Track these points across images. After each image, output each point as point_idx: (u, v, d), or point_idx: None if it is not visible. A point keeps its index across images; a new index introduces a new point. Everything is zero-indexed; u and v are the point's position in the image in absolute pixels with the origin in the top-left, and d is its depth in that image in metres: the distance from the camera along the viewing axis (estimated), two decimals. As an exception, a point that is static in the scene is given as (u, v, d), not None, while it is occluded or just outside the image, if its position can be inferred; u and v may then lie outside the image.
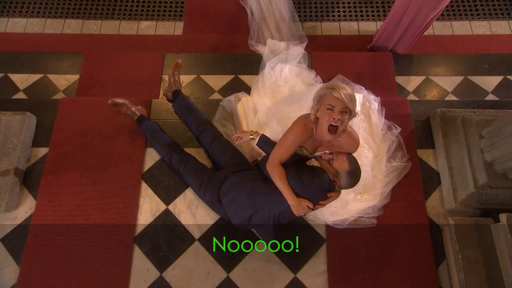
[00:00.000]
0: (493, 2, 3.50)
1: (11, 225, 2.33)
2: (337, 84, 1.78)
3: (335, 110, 1.72)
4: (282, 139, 1.90)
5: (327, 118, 1.75)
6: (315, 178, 1.84)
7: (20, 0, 3.53)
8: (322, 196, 1.89)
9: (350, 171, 1.81)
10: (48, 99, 2.83)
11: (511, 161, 2.05)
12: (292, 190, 1.86)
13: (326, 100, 1.74)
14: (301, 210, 1.87)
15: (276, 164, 1.90)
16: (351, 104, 1.73)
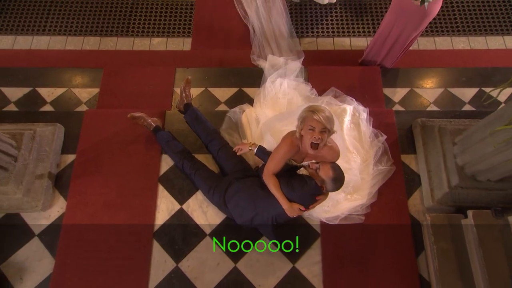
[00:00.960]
0: (472, 20, 3.84)
1: (46, 223, 2.67)
2: (318, 107, 2.11)
3: (316, 130, 2.06)
4: (273, 154, 2.24)
5: (309, 137, 2.09)
6: (304, 185, 2.18)
7: (43, 19, 3.86)
8: (312, 199, 2.22)
9: (334, 177, 2.14)
10: (74, 111, 3.17)
11: (478, 165, 2.39)
12: (285, 196, 2.20)
13: (308, 121, 2.08)
14: (293, 212, 2.20)
15: (270, 175, 2.24)
16: (329, 125, 2.06)
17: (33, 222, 2.67)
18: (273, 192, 2.21)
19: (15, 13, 3.89)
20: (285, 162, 2.27)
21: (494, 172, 2.34)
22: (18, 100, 3.25)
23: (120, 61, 3.67)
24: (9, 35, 3.77)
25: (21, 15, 3.87)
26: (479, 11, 3.90)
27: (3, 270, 2.54)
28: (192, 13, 4.00)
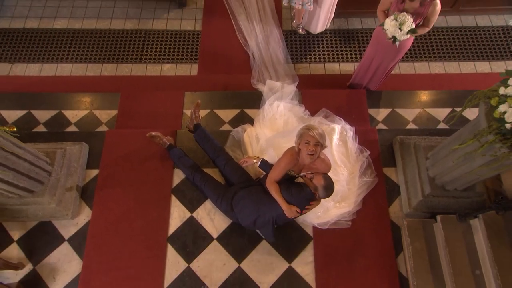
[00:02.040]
0: (446, 47, 4.33)
1: (74, 229, 3.07)
2: (312, 126, 2.56)
3: (311, 143, 2.50)
4: (276, 165, 2.67)
5: (306, 149, 2.52)
6: (301, 191, 2.60)
7: (66, 49, 4.34)
8: (307, 203, 2.64)
9: (325, 185, 2.56)
10: (95, 131, 3.60)
11: (445, 176, 2.81)
12: (285, 200, 2.62)
13: (305, 137, 2.53)
14: (291, 213, 2.61)
15: (273, 182, 2.66)
16: (322, 140, 2.51)
17: (63, 228, 3.07)
18: (275, 196, 2.62)
19: (42, 43, 4.36)
20: (285, 172, 2.69)
21: (457, 182, 2.76)
22: (47, 122, 3.69)
23: (135, 85, 4.12)
24: (37, 63, 4.23)
25: (47, 45, 4.35)
26: (452, 40, 4.39)
27: (38, 271, 2.93)
28: (198, 42, 4.48)
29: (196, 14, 4.68)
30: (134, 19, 4.60)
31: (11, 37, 4.37)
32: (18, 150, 2.59)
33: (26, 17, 4.51)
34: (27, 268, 2.93)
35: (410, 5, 2.90)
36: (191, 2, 4.78)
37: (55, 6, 4.59)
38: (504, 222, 2.53)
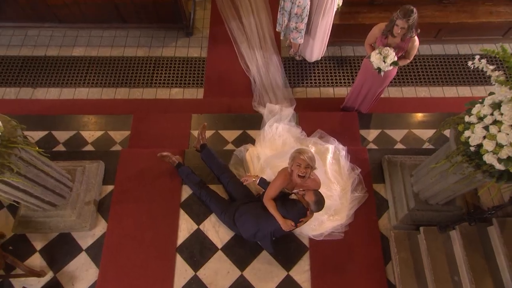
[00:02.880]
0: (431, 73, 4.73)
1: (91, 240, 3.37)
2: (304, 150, 2.86)
3: (302, 166, 2.81)
4: (272, 184, 2.98)
5: (297, 171, 2.84)
6: (295, 206, 2.90)
7: (83, 74, 4.73)
8: (300, 217, 2.94)
9: (316, 201, 2.86)
10: (110, 150, 3.94)
11: (427, 192, 3.13)
12: (281, 214, 2.92)
13: (296, 160, 2.83)
14: (286, 226, 2.90)
15: (269, 199, 2.97)
16: (312, 163, 2.81)
17: (81, 239, 3.37)
18: (272, 212, 2.93)
19: (61, 69, 4.76)
20: (280, 190, 3.01)
21: (438, 197, 3.07)
22: (66, 141, 4.04)
23: (146, 108, 4.49)
24: (56, 88, 4.62)
25: (66, 71, 4.74)
26: (437, 67, 4.79)
27: (58, 278, 3.21)
28: (204, 68, 4.88)
29: (202, 42, 5.10)
30: (145, 47, 5.01)
31: (34, 64, 4.78)
32: (46, 168, 2.93)
33: (47, 45, 4.93)
34: (49, 275, 3.22)
35: (392, 41, 3.29)
36: (197, 31, 5.21)
37: (74, 35, 5.02)
38: (477, 232, 2.83)
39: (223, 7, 5.34)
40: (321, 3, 3.93)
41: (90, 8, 4.68)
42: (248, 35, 5.04)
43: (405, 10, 3.01)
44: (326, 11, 4.00)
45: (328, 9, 4.00)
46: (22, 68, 4.73)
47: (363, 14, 4.71)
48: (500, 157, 2.18)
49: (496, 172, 2.30)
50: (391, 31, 3.22)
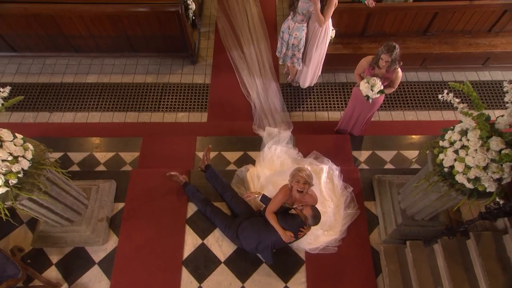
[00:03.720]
0: (418, 98, 5.11)
1: (103, 254, 3.64)
2: (302, 168, 3.21)
3: (300, 182, 3.14)
4: (273, 199, 3.30)
5: (296, 187, 3.16)
6: (294, 220, 3.20)
7: (95, 99, 5.11)
8: (299, 230, 3.23)
9: (313, 215, 3.16)
10: (121, 170, 4.26)
11: (412, 208, 3.43)
12: (281, 227, 3.22)
13: (295, 177, 3.17)
14: (286, 237, 3.20)
15: (271, 213, 3.28)
16: (309, 180, 3.15)
17: (94, 253, 3.64)
18: (273, 224, 3.22)
19: (76, 95, 5.14)
20: (281, 204, 3.31)
21: (422, 213, 3.37)
22: (80, 162, 4.36)
23: (154, 131, 4.84)
24: (71, 112, 4.98)
25: (80, 97, 5.12)
26: (423, 92, 5.18)
27: (73, 289, 3.47)
28: (207, 93, 5.26)
29: (206, 69, 5.51)
30: (154, 74, 5.42)
31: (50, 90, 5.17)
32: (66, 187, 3.24)
33: (64, 73, 5.33)
34: (64, 287, 3.47)
35: (378, 71, 3.68)
36: (202, 59, 5.63)
37: (88, 64, 5.43)
38: (458, 245, 3.11)
39: (226, 37, 5.79)
40: (314, 36, 4.35)
41: (104, 39, 5.12)
42: (248, 63, 5.46)
43: (388, 46, 3.41)
44: (319, 43, 4.41)
45: (321, 42, 4.41)
46: (40, 94, 5.11)
47: (355, 44, 5.15)
48: (469, 177, 2.50)
49: (467, 190, 2.61)
50: (377, 63, 3.61)
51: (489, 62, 5.12)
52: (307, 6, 4.01)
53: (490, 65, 5.18)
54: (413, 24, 4.96)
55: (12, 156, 2.53)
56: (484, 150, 2.40)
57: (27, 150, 2.65)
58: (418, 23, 4.94)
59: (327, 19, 4.07)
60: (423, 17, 4.83)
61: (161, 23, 4.90)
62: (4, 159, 2.48)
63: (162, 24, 4.90)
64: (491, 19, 4.81)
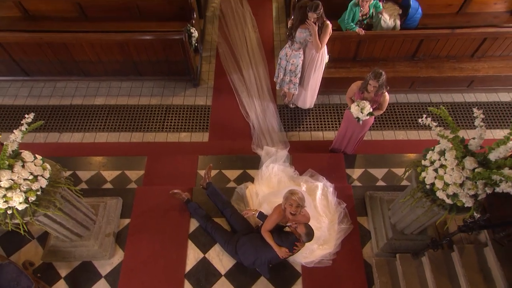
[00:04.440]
0: (408, 118, 5.41)
1: (110, 268, 3.83)
2: (295, 191, 3.39)
3: (293, 205, 3.34)
4: (268, 219, 3.49)
5: (289, 209, 3.37)
6: (289, 237, 3.41)
7: (103, 120, 5.40)
8: (293, 246, 3.44)
9: (306, 232, 3.37)
10: (128, 188, 4.49)
11: (401, 223, 3.65)
12: (276, 244, 3.43)
13: (289, 200, 3.35)
14: (282, 253, 3.39)
15: (267, 231, 3.48)
16: (301, 202, 3.33)
17: (101, 267, 3.83)
18: (268, 241, 3.43)
19: (84, 116, 5.44)
20: (276, 223, 3.53)
21: (411, 227, 3.59)
22: (88, 180, 4.60)
23: (158, 150, 5.10)
24: (80, 132, 5.26)
25: (88, 118, 5.41)
26: (412, 113, 5.48)
27: (80, 302, 3.64)
28: (209, 114, 5.55)
29: (207, 92, 5.83)
30: (158, 96, 5.73)
31: (60, 111, 5.46)
32: (78, 203, 3.48)
33: (73, 96, 5.65)
34: (72, 300, 3.65)
35: (367, 95, 3.98)
36: (203, 82, 5.96)
37: (96, 86, 5.76)
38: (443, 257, 3.33)
39: (226, 62, 6.15)
40: (312, 62, 4.68)
41: (112, 64, 5.45)
42: (247, 86, 5.78)
43: (375, 73, 3.72)
44: (317, 68, 4.74)
45: (318, 66, 4.74)
46: (51, 115, 5.40)
47: (347, 68, 5.49)
48: (448, 194, 2.75)
49: (448, 205, 2.86)
50: (366, 88, 3.92)
51: (473, 85, 5.45)
52: (304, 36, 4.37)
53: (475, 87, 5.51)
54: (401, 50, 5.32)
55: (32, 175, 2.78)
56: (460, 168, 2.66)
57: (46, 169, 2.90)
58: (405, 49, 5.30)
59: (323, 45, 4.42)
60: (410, 43, 5.19)
61: (166, 50, 5.24)
62: (25, 178, 2.73)
63: (167, 50, 5.25)
64: (473, 46, 5.17)
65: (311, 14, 4.13)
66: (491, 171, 2.46)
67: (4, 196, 2.64)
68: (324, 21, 4.25)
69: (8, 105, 5.51)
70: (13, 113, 5.40)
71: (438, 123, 2.93)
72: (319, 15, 4.14)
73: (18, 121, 5.25)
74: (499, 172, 2.39)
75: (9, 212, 2.78)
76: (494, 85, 5.48)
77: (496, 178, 2.45)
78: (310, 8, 4.10)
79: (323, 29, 4.27)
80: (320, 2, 4.12)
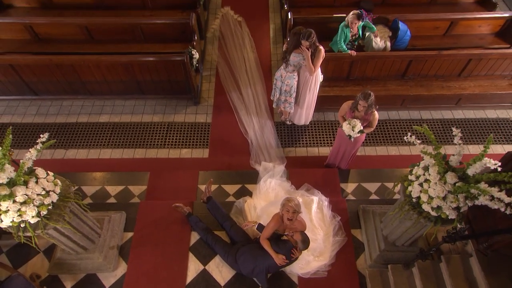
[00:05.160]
0: (400, 134, 5.65)
1: (113, 280, 3.98)
2: (291, 198, 3.62)
3: (290, 211, 3.56)
4: (266, 227, 3.69)
5: (286, 215, 3.58)
6: (286, 244, 3.59)
7: (107, 137, 5.62)
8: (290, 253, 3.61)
9: (302, 240, 3.54)
10: (131, 202, 4.67)
11: (392, 235, 3.84)
12: (274, 251, 3.60)
13: (286, 206, 3.58)
14: (279, 260, 3.55)
15: (265, 239, 3.67)
16: (298, 209, 3.55)
17: (105, 279, 3.97)
18: (266, 249, 3.59)
19: (89, 133, 5.66)
20: (273, 231, 3.71)
21: (401, 239, 3.77)
22: (92, 195, 4.79)
23: (160, 166, 5.31)
24: (85, 149, 5.48)
25: (93, 135, 5.64)
26: (404, 129, 5.72)
27: (85, 313, 3.77)
28: (209, 131, 5.78)
29: (207, 109, 6.08)
30: (160, 114, 5.98)
31: (66, 129, 5.69)
32: (85, 217, 3.66)
33: (79, 114, 5.89)
34: (77, 311, 3.79)
35: (358, 114, 4.23)
36: (204, 100, 6.22)
37: (101, 105, 6.01)
38: (432, 267, 3.50)
39: (225, 81, 6.42)
40: (306, 83, 4.95)
41: (116, 84, 5.72)
42: (246, 104, 6.04)
43: (364, 94, 3.97)
44: (311, 89, 5.01)
45: (313, 87, 5.01)
46: (58, 133, 5.63)
47: (341, 87, 5.76)
48: (432, 206, 2.95)
49: (433, 217, 3.05)
50: (356, 107, 4.17)
51: (461, 102, 5.72)
52: (297, 59, 4.65)
53: (462, 105, 5.78)
54: (392, 69, 5.60)
55: (44, 191, 2.99)
56: (442, 183, 2.87)
57: (57, 185, 3.11)
58: (395, 69, 5.58)
59: (316, 69, 4.70)
60: (400, 64, 5.48)
61: (168, 70, 5.52)
62: (38, 193, 2.93)
63: (169, 71, 5.53)
64: (459, 66, 5.46)
65: (304, 42, 4.42)
66: (469, 185, 2.67)
67: (19, 210, 2.83)
68: (317, 46, 4.54)
69: (17, 123, 5.74)
70: (22, 131, 5.61)
71: (422, 140, 3.15)
72: (311, 43, 4.43)
73: (27, 138, 5.51)
74: (476, 186, 2.60)
75: (22, 225, 2.97)
76: (480, 102, 5.75)
77: (474, 192, 2.66)
78: (303, 36, 4.40)
79: (316, 54, 4.56)
80: (312, 30, 4.41)
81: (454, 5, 6.63)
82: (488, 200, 2.59)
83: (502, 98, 5.65)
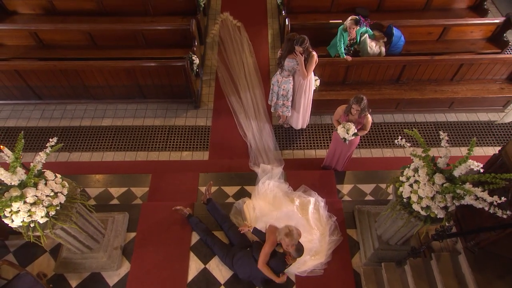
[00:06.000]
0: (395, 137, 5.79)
1: (117, 279, 4.12)
2: (292, 231, 3.53)
3: (290, 244, 3.55)
4: (262, 252, 3.57)
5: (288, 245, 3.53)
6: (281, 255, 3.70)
7: (109, 140, 5.78)
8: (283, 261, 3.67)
9: (296, 249, 3.62)
10: (133, 204, 4.82)
11: (386, 234, 3.99)
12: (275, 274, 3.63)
13: (287, 240, 3.51)
14: (280, 280, 3.63)
15: (264, 265, 3.65)
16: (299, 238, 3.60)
17: (109, 278, 4.12)
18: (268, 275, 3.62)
19: (92, 136, 5.81)
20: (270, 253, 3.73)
21: (394, 238, 3.92)
22: (96, 196, 4.93)
23: (162, 168, 5.46)
24: (88, 152, 5.63)
25: (96, 138, 5.79)
26: (398, 131, 5.89)
27: (90, 311, 3.91)
28: (209, 134, 5.94)
29: (207, 113, 6.24)
30: (161, 118, 6.13)
31: (70, 132, 5.85)
32: (90, 218, 3.81)
33: (82, 117, 6.05)
34: (82, 308, 3.93)
35: (352, 117, 4.39)
36: (204, 104, 6.38)
37: (103, 109, 6.17)
38: (424, 265, 3.65)
39: (225, 85, 6.58)
40: (300, 88, 5.11)
41: (119, 88, 5.88)
42: (245, 107, 6.19)
43: (357, 98, 4.13)
44: (305, 93, 5.17)
45: (307, 92, 5.17)
46: (61, 136, 5.78)
47: (337, 91, 5.92)
48: (422, 206, 3.11)
49: (423, 216, 3.21)
50: (350, 111, 4.33)
51: (454, 106, 5.89)
52: (292, 65, 4.82)
53: (455, 108, 5.95)
54: (386, 74, 5.77)
55: (53, 192, 3.14)
56: (431, 184, 3.03)
57: (64, 187, 3.26)
58: (390, 73, 5.75)
59: (309, 74, 4.87)
60: (394, 68, 5.65)
61: (169, 75, 5.68)
62: (47, 195, 3.08)
63: (170, 76, 5.69)
64: (451, 71, 5.63)
65: (297, 47, 4.59)
66: (456, 186, 2.83)
67: (29, 211, 2.98)
68: (310, 52, 4.70)
69: (22, 126, 5.90)
70: (27, 134, 5.76)
71: (413, 143, 3.31)
72: (304, 48, 4.60)
73: (32, 142, 5.66)
74: (461, 187, 2.76)
75: (32, 225, 3.12)
76: (473, 105, 5.92)
77: (460, 192, 2.81)
78: (296, 42, 4.57)
79: (309, 59, 4.73)
80: (306, 36, 4.58)
81: (447, 11, 6.82)
82: (473, 200, 2.74)
83: (493, 102, 5.82)
